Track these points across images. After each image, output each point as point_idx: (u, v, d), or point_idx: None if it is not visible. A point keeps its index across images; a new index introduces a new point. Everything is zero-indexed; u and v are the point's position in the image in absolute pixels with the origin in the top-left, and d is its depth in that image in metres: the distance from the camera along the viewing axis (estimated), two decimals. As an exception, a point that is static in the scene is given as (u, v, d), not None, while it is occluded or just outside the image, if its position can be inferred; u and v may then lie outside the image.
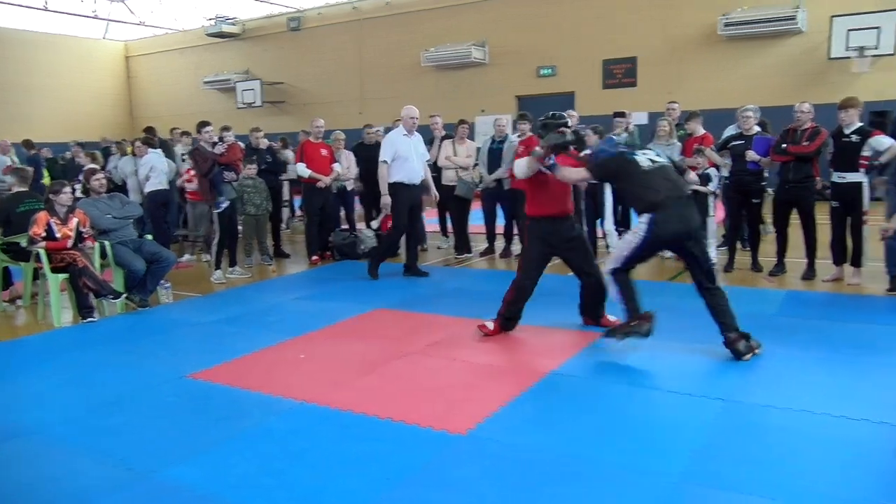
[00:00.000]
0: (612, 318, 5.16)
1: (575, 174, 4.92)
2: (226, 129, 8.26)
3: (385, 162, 7.23)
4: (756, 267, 7.15)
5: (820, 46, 13.82)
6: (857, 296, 6.12)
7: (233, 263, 8.01)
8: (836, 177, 6.44)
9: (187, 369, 4.61)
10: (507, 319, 5.18)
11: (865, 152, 6.26)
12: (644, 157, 4.66)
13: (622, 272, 4.66)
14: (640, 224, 4.54)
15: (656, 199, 4.43)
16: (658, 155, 4.77)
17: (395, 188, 7.27)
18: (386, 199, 7.29)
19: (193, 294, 7.20)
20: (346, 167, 9.08)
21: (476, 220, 9.27)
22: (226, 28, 21.65)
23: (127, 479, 3.12)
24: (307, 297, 6.83)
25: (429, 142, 9.33)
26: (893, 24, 12.73)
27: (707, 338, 4.54)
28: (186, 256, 9.22)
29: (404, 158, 7.22)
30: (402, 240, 7.74)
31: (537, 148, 5.06)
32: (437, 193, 7.94)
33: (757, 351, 4.45)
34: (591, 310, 5.32)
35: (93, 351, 5.23)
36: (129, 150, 10.12)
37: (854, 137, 6.30)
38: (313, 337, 5.37)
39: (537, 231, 5.17)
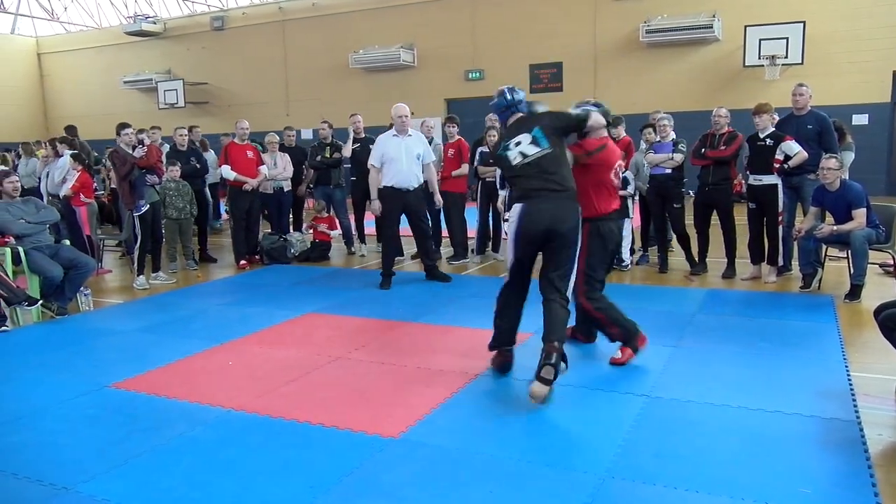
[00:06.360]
0: None
1: None
2: (143, 130, 8.00)
3: (373, 166, 6.99)
4: (663, 268, 7.38)
5: (735, 54, 14.43)
6: (774, 293, 6.39)
7: (156, 269, 7.77)
8: (753, 179, 6.72)
9: (108, 379, 4.44)
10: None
11: (778, 156, 6.56)
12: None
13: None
14: None
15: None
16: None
17: (383, 193, 6.99)
18: (375, 205, 7.06)
19: (115, 301, 6.95)
20: (281, 168, 8.98)
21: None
22: (146, 27, 21.01)
23: (41, 496, 2.98)
24: (234, 303, 6.68)
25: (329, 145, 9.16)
26: (800, 35, 13.49)
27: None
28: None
29: (391, 161, 6.88)
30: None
31: None
32: (440, 199, 7.59)
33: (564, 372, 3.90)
34: None
35: (5, 362, 4.98)
36: (39, 152, 9.72)
37: (768, 141, 6.59)
38: (240, 343, 5.26)
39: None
